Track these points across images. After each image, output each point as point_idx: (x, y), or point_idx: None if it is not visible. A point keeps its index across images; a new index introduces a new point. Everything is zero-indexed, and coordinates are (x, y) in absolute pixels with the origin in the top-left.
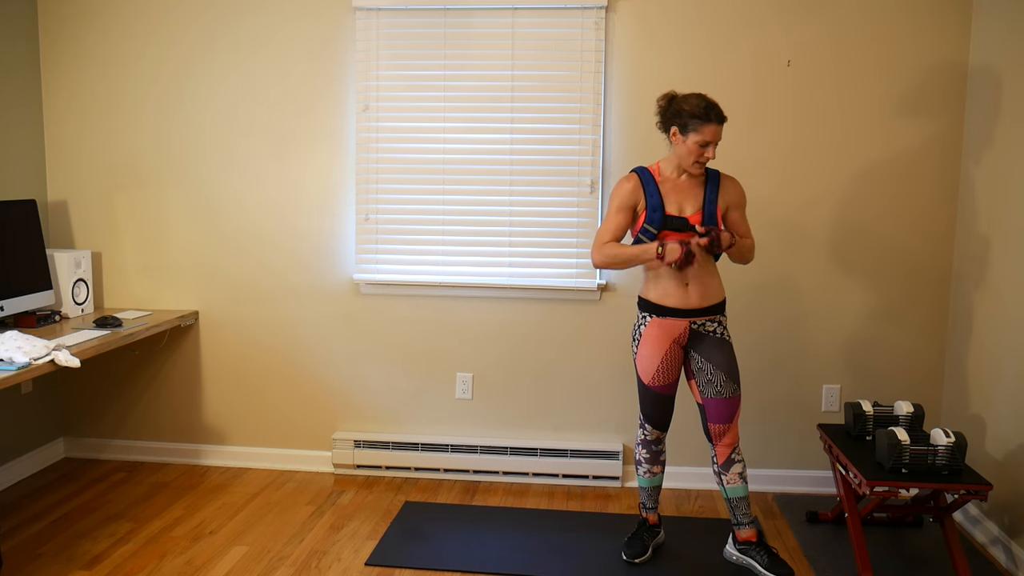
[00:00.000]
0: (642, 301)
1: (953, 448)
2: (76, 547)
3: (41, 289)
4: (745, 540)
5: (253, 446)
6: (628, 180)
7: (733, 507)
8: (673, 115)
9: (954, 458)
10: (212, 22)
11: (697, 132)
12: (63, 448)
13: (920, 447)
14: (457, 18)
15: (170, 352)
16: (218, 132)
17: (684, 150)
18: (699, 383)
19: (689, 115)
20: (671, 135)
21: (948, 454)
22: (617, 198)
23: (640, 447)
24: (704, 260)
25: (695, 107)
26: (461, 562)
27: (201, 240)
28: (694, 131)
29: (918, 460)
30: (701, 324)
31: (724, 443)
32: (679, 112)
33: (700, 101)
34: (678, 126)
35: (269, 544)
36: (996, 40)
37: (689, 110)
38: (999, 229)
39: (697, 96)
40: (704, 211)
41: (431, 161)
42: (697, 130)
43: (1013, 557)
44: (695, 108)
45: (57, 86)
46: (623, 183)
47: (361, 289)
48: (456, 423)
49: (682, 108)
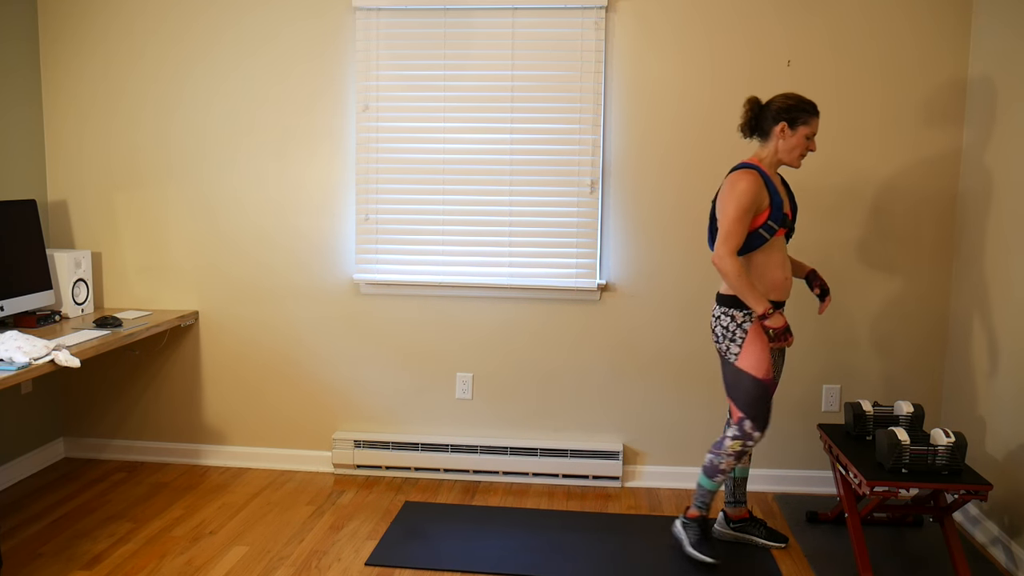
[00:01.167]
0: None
1: (953, 448)
2: (76, 547)
3: (41, 289)
4: (740, 517)
5: (253, 446)
6: (753, 179)
7: (736, 485)
8: (780, 111)
9: (954, 458)
10: (212, 22)
11: (807, 124)
12: (63, 448)
13: (920, 447)
14: (457, 18)
15: (170, 352)
16: (218, 132)
17: (792, 143)
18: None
19: (798, 109)
20: (778, 131)
21: (948, 454)
22: (746, 198)
23: (732, 459)
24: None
25: (803, 101)
26: (461, 562)
27: (201, 240)
28: (804, 124)
29: (918, 460)
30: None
31: None
32: (786, 108)
33: (797, 96)
34: (787, 120)
35: (269, 544)
36: (996, 40)
37: (797, 103)
38: (999, 229)
39: (793, 93)
40: (794, 209)
41: (431, 161)
42: (807, 122)
43: (1013, 557)
44: (803, 102)
45: (57, 86)
46: (750, 182)
47: (361, 289)
48: (456, 423)
49: (789, 103)
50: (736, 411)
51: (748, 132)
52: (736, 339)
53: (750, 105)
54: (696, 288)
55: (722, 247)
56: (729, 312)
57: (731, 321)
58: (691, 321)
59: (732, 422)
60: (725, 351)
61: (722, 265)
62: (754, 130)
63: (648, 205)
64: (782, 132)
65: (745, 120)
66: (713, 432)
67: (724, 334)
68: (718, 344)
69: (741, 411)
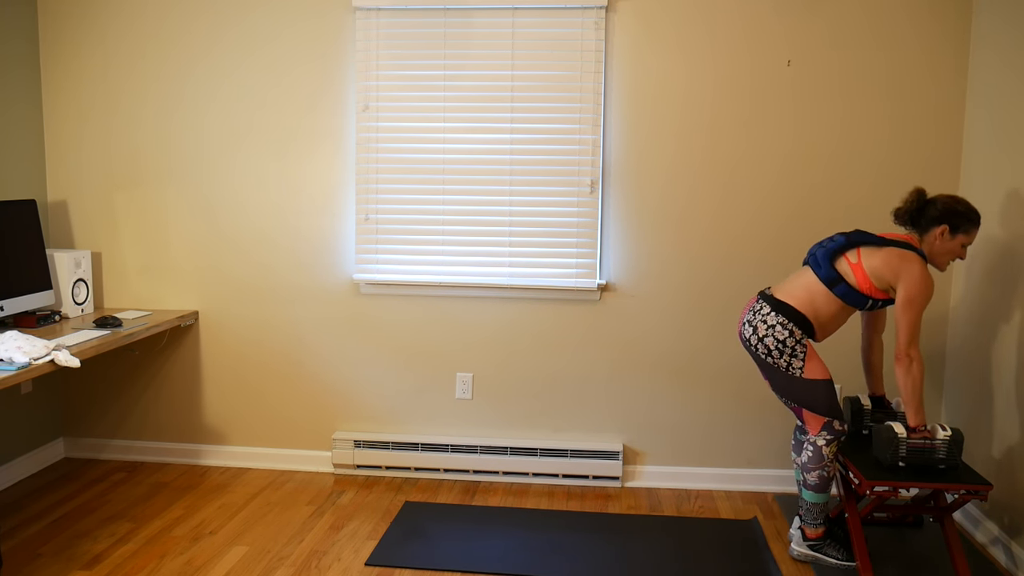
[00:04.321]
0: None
1: (950, 443)
2: (76, 547)
3: (41, 289)
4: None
5: (253, 446)
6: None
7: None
8: (945, 214)
9: (951, 453)
10: (212, 22)
11: (967, 235)
12: (63, 448)
13: (917, 441)
14: (457, 18)
15: (170, 352)
16: (218, 132)
17: (947, 248)
18: None
19: (965, 217)
20: (938, 232)
21: (945, 448)
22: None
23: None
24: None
25: (970, 210)
26: (461, 562)
27: (201, 240)
28: (964, 233)
29: (915, 454)
30: None
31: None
32: (954, 212)
33: (965, 204)
34: (950, 226)
35: (269, 544)
36: (997, 40)
37: (964, 212)
38: (999, 229)
39: (962, 199)
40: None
41: (431, 161)
42: (968, 232)
43: (1013, 557)
44: (970, 211)
45: (57, 86)
46: (929, 275)
47: (361, 289)
48: (456, 423)
49: (957, 209)
50: (816, 418)
51: (906, 220)
52: (798, 354)
53: (916, 196)
54: (696, 288)
55: (911, 349)
56: (788, 326)
57: (789, 336)
58: (691, 321)
59: (813, 431)
60: (786, 366)
61: (912, 367)
62: (914, 221)
63: (648, 205)
64: (942, 235)
65: (906, 208)
66: (713, 432)
67: (782, 349)
68: (770, 357)
69: (824, 415)
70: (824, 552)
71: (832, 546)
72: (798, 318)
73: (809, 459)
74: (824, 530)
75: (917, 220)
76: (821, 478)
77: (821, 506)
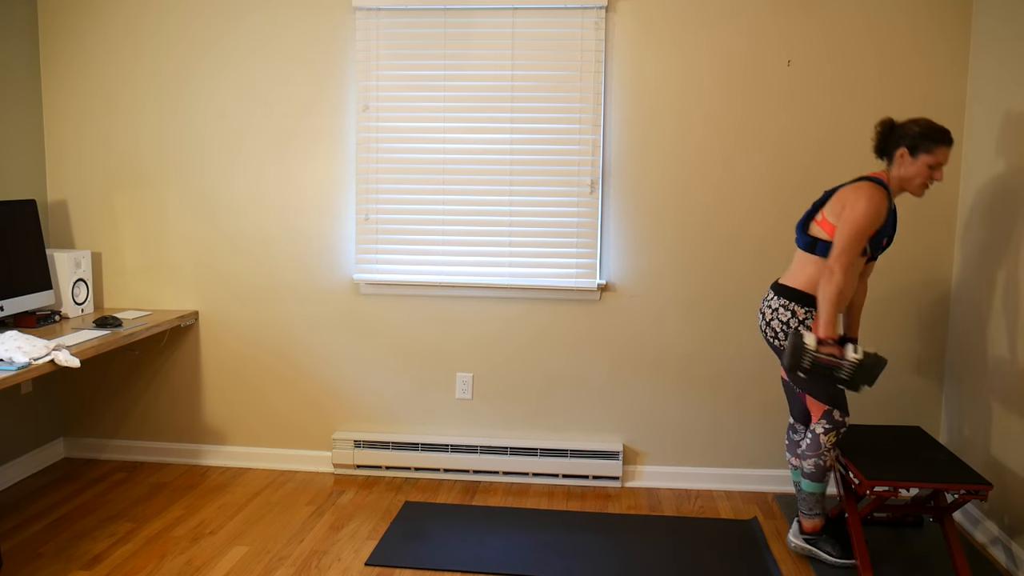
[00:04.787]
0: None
1: (857, 367)
2: (76, 547)
3: (41, 289)
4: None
5: (253, 446)
6: (881, 199)
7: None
8: (902, 137)
9: (855, 377)
10: (212, 22)
11: (930, 154)
12: (63, 448)
13: (824, 356)
14: (457, 18)
15: (170, 352)
16: (218, 132)
17: (913, 171)
18: None
19: (921, 135)
20: (898, 156)
21: (850, 371)
22: (869, 218)
23: (834, 449)
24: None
25: (930, 128)
26: (461, 562)
27: (201, 240)
28: (926, 152)
29: (818, 368)
30: None
31: None
32: (909, 133)
33: (929, 122)
34: (908, 147)
35: (269, 544)
36: (997, 40)
37: (921, 130)
38: (1000, 229)
39: (925, 119)
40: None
41: (431, 161)
42: (931, 151)
43: (1013, 557)
44: (930, 129)
45: (57, 86)
46: (878, 201)
47: (361, 289)
48: (456, 423)
49: (913, 129)
50: (817, 405)
51: (878, 153)
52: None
53: (880, 126)
54: (697, 287)
55: (836, 262)
56: (790, 307)
57: (792, 316)
58: (692, 321)
59: (814, 418)
60: None
61: (832, 279)
62: (883, 152)
63: (648, 205)
64: (902, 158)
65: (875, 141)
66: (714, 432)
67: (786, 331)
68: (776, 339)
69: (825, 404)
70: (819, 547)
71: (828, 542)
72: (797, 296)
73: (808, 446)
74: (821, 524)
75: (885, 150)
76: (817, 466)
77: (817, 496)
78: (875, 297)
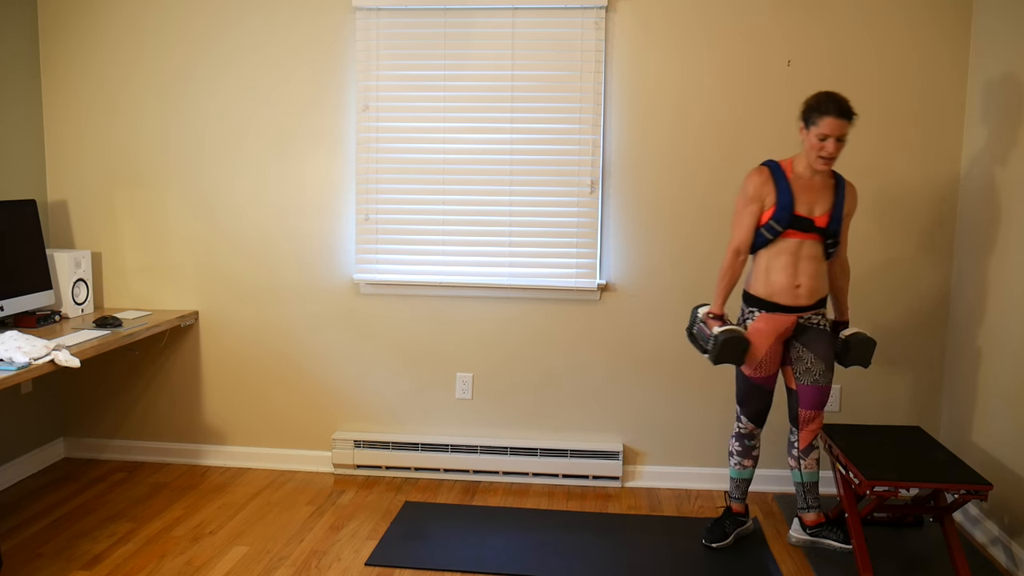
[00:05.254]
0: (749, 296)
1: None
2: (76, 547)
3: (41, 289)
4: (816, 523)
5: (253, 446)
6: (758, 173)
7: (806, 491)
8: (802, 111)
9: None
10: (212, 22)
11: (816, 125)
12: (63, 448)
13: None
14: (457, 18)
15: (170, 352)
16: (218, 132)
17: (809, 144)
18: (796, 371)
19: (808, 108)
20: (800, 132)
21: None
22: (744, 192)
23: (734, 439)
24: (815, 256)
25: (817, 99)
26: (461, 562)
27: (201, 240)
28: (814, 124)
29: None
30: (807, 318)
31: (810, 428)
32: (803, 107)
33: (822, 94)
34: (804, 120)
35: (269, 544)
36: (996, 40)
37: (808, 103)
38: (999, 229)
39: (824, 92)
40: (832, 215)
41: (431, 161)
42: (816, 123)
43: (1013, 557)
44: (816, 101)
45: (57, 86)
46: (754, 176)
47: (361, 289)
48: (456, 423)
49: (806, 103)
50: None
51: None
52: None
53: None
54: (697, 287)
55: (732, 242)
56: (741, 306)
57: (740, 314)
58: None
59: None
60: None
61: (727, 261)
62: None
63: (648, 205)
64: (801, 132)
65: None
66: (713, 432)
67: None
68: None
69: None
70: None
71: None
72: (745, 296)
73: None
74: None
75: None
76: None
77: (730, 478)
78: (875, 297)
